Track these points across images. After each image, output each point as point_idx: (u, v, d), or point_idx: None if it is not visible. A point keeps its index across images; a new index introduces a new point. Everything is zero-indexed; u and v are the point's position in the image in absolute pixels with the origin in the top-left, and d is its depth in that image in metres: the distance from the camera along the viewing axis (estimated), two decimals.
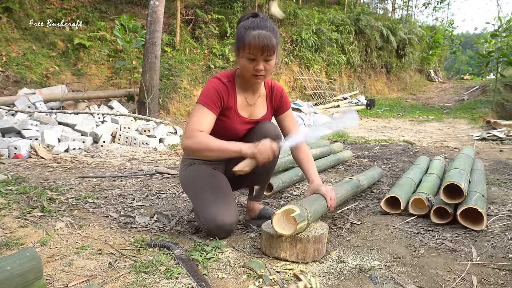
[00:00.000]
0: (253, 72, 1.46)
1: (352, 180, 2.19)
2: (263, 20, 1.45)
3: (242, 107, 1.61)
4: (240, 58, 1.47)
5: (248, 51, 1.41)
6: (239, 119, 1.61)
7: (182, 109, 7.22)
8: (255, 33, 1.39)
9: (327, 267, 1.32)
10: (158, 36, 5.62)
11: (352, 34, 13.45)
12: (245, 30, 1.43)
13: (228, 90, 1.55)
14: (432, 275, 1.27)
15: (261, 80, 1.52)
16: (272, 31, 1.42)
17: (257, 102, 1.65)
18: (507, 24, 10.61)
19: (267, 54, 1.41)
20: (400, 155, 4.07)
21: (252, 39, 1.39)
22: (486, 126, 7.21)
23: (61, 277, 1.19)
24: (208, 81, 1.56)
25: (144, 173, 3.02)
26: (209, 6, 9.65)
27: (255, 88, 1.62)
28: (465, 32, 55.73)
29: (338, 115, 1.52)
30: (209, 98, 1.49)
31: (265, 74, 1.47)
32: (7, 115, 4.28)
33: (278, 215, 1.34)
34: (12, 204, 1.94)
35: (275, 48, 1.42)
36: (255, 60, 1.43)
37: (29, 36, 6.58)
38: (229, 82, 1.57)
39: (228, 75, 1.59)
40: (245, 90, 1.61)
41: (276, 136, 1.63)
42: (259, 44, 1.38)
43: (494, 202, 2.19)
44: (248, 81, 1.56)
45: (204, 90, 1.52)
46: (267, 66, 1.45)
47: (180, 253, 1.37)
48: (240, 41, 1.44)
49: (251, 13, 1.51)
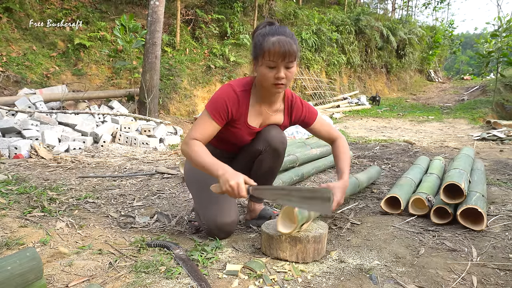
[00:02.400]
0: (273, 81, 1.38)
1: (350, 178, 2.20)
2: (280, 27, 1.41)
3: (254, 117, 1.55)
4: (259, 67, 1.40)
5: (268, 58, 1.35)
6: (248, 130, 1.56)
7: (182, 109, 7.22)
8: (275, 39, 1.34)
9: (327, 267, 1.32)
10: (158, 36, 5.62)
11: (352, 34, 13.44)
12: (263, 37, 1.37)
13: (239, 101, 1.48)
14: (432, 275, 1.27)
15: (282, 90, 1.43)
16: (291, 37, 1.37)
17: (272, 114, 1.58)
18: (507, 24, 10.60)
19: (288, 60, 1.35)
20: (400, 155, 4.07)
21: (271, 45, 1.34)
22: (486, 126, 7.21)
23: (61, 277, 1.20)
24: (221, 88, 1.50)
25: (144, 173, 3.02)
26: (209, 6, 9.64)
27: (274, 99, 1.54)
28: (465, 32, 55.74)
29: (312, 195, 1.25)
30: (216, 109, 1.45)
31: (286, 82, 1.40)
32: (8, 115, 4.28)
33: (280, 217, 1.36)
34: (13, 204, 1.94)
35: (296, 54, 1.37)
36: (275, 68, 1.36)
37: (30, 36, 6.58)
38: (244, 92, 1.50)
39: (244, 84, 1.52)
40: (262, 101, 1.54)
41: (282, 143, 1.59)
42: (280, 50, 1.33)
43: (494, 202, 2.19)
44: (267, 92, 1.47)
45: (215, 96, 1.47)
46: (288, 73, 1.38)
47: (180, 253, 1.37)
48: (258, 48, 1.38)
49: (267, 22, 1.46)
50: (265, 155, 1.61)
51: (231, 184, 1.28)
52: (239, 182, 1.29)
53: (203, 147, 1.41)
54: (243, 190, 1.29)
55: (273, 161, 1.65)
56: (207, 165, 1.36)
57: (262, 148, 1.59)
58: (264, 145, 1.59)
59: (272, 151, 1.60)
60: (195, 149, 1.39)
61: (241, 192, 1.29)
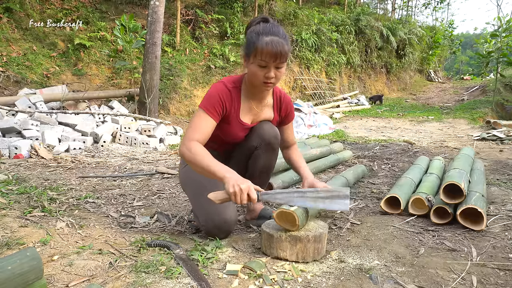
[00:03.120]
0: (263, 80, 1.42)
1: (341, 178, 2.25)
2: (274, 25, 1.42)
3: (245, 113, 1.58)
4: (250, 64, 1.43)
5: (260, 57, 1.37)
6: (240, 126, 1.59)
7: (182, 109, 7.23)
8: (268, 39, 1.36)
9: (327, 267, 1.32)
10: (158, 36, 5.62)
11: (352, 34, 13.45)
12: (257, 35, 1.39)
13: (231, 97, 1.52)
14: (432, 275, 1.27)
15: (270, 88, 1.48)
16: (284, 38, 1.39)
17: (262, 110, 1.62)
18: (507, 24, 10.59)
19: (279, 61, 1.38)
20: (400, 155, 4.07)
21: (265, 45, 1.35)
22: (486, 126, 7.21)
23: (62, 277, 1.20)
24: (213, 85, 1.52)
25: (145, 173, 3.02)
26: (209, 6, 9.65)
27: (262, 96, 1.59)
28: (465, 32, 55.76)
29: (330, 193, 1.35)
30: (211, 104, 1.46)
31: (275, 82, 1.44)
32: (8, 115, 4.28)
33: (276, 216, 1.37)
34: (13, 204, 1.94)
35: (287, 55, 1.39)
36: (266, 67, 1.39)
37: (30, 36, 6.59)
38: (235, 88, 1.53)
39: (234, 81, 1.55)
40: (251, 97, 1.58)
41: (275, 138, 1.61)
42: (272, 51, 1.34)
43: (494, 202, 2.19)
44: (256, 89, 1.51)
45: (208, 94, 1.49)
46: (278, 73, 1.42)
47: (181, 253, 1.37)
48: (251, 46, 1.39)
49: (261, 18, 1.47)
50: (260, 151, 1.62)
51: (243, 187, 1.25)
52: (250, 185, 1.28)
53: (204, 149, 1.39)
54: (254, 193, 1.27)
55: (268, 156, 1.66)
56: (212, 167, 1.32)
57: (257, 144, 1.60)
58: (258, 140, 1.60)
59: (266, 145, 1.61)
60: (197, 152, 1.36)
61: (252, 195, 1.27)
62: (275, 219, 1.37)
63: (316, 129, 6.35)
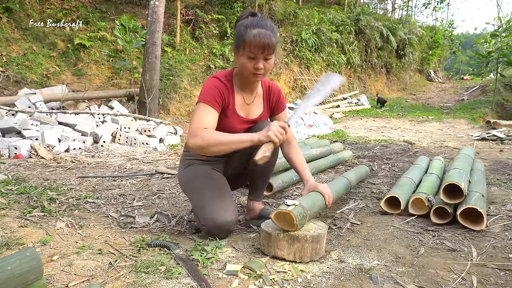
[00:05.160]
0: (252, 71, 1.46)
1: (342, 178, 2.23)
2: (262, 19, 1.46)
3: (239, 106, 1.62)
4: (240, 57, 1.48)
5: (249, 49, 1.42)
6: (238, 119, 1.62)
7: (182, 109, 7.22)
8: (255, 31, 1.40)
9: (327, 267, 1.32)
10: (158, 36, 5.62)
11: (352, 34, 13.44)
12: (245, 28, 1.43)
13: (227, 89, 1.56)
14: (432, 275, 1.27)
15: (259, 79, 1.53)
16: (271, 30, 1.43)
17: (254, 101, 1.66)
18: (507, 24, 10.59)
19: (267, 53, 1.43)
20: (400, 155, 4.07)
21: (252, 37, 1.40)
22: (486, 126, 7.20)
23: (61, 277, 1.20)
24: (206, 80, 1.56)
25: (144, 173, 3.02)
26: (209, 6, 9.64)
27: (253, 87, 1.63)
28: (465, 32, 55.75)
29: (323, 78, 1.59)
30: (210, 95, 1.49)
31: (264, 73, 1.48)
32: (8, 115, 4.28)
33: (274, 217, 1.36)
34: (13, 204, 1.94)
35: (275, 47, 1.44)
36: (255, 59, 1.44)
37: (30, 36, 6.58)
38: (228, 82, 1.57)
39: (225, 75, 1.59)
40: (243, 89, 1.62)
41: None
42: (260, 43, 1.39)
43: (494, 202, 2.19)
44: (246, 80, 1.56)
45: (204, 88, 1.52)
46: (267, 65, 1.46)
47: (180, 253, 1.37)
48: (240, 39, 1.44)
49: (250, 12, 1.52)
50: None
51: (273, 128, 1.34)
52: (275, 123, 1.36)
53: (216, 131, 1.43)
54: (283, 124, 1.38)
55: None
56: (236, 139, 1.38)
57: None
58: None
59: None
60: (211, 135, 1.39)
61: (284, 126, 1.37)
62: (273, 220, 1.36)
63: (316, 129, 6.35)
